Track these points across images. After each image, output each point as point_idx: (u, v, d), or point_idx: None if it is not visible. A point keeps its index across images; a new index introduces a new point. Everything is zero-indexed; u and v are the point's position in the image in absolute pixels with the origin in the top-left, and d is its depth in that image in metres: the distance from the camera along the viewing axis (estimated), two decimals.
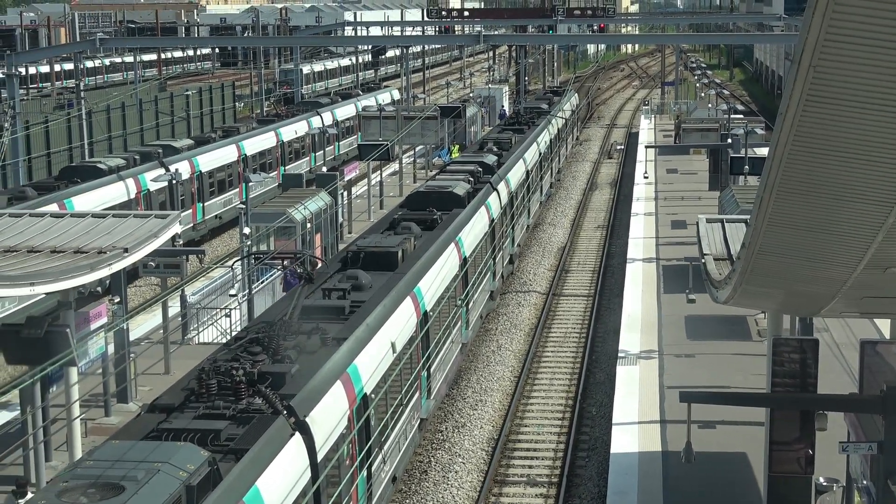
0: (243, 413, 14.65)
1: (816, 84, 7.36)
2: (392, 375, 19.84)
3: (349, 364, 17.70)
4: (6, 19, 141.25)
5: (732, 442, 21.18)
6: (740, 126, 44.48)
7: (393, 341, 20.14)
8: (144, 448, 12.93)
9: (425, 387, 23.18)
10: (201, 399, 15.04)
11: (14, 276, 17.96)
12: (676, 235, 39.46)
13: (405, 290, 22.04)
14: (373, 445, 18.52)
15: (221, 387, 15.19)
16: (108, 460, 12.50)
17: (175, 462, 12.45)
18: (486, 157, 38.06)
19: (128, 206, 35.55)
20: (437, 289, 24.32)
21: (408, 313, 21.65)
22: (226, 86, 73.51)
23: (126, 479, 12.01)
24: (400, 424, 20.73)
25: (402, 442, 21.04)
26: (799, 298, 15.42)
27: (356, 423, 17.49)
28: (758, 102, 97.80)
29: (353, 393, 17.45)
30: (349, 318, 19.41)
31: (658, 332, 28.57)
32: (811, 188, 9.49)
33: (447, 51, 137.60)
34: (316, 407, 15.76)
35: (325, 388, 16.39)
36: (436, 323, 24.00)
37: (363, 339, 18.74)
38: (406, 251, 24.19)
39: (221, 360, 16.17)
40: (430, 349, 23.47)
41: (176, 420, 14.49)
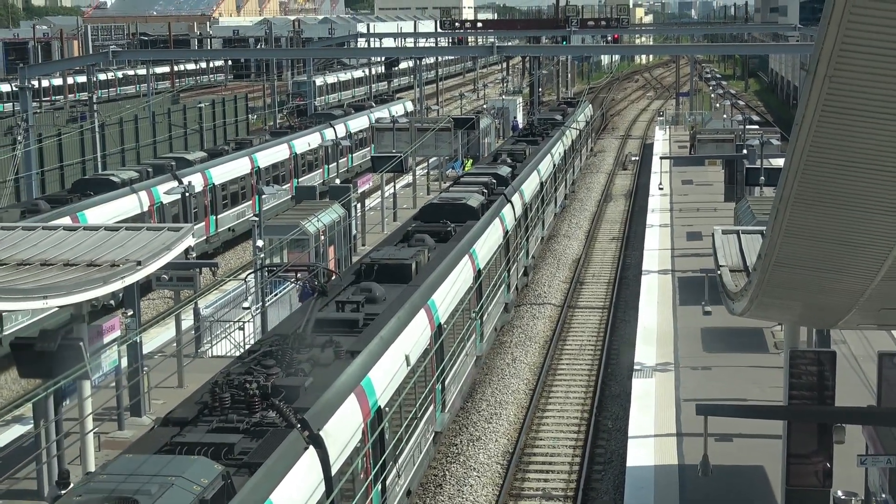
0: (257, 426, 14.61)
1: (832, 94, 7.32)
2: (406, 388, 19.75)
3: (363, 377, 17.65)
4: (19, 32, 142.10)
5: (749, 455, 21.00)
6: (756, 137, 44.28)
7: (407, 354, 20.06)
8: (158, 462, 12.92)
9: (440, 400, 23.05)
10: (215, 412, 15.00)
11: (27, 289, 17.94)
12: (692, 247, 39.28)
13: (419, 302, 21.95)
14: (387, 459, 18.42)
15: (235, 400, 15.14)
16: (122, 474, 12.48)
17: (189, 476, 12.43)
18: (500, 169, 38.03)
19: (141, 219, 35.57)
20: (452, 301, 24.23)
21: (422, 326, 21.57)
22: (239, 98, 73.66)
23: (140, 492, 11.97)
24: (414, 438, 20.63)
25: (417, 455, 20.92)
26: (816, 310, 15.33)
27: (370, 437, 17.45)
28: (773, 113, 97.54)
29: (367, 406, 17.42)
30: (363, 330, 19.36)
31: (674, 345, 28.39)
32: (827, 199, 9.43)
33: (460, 62, 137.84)
34: (330, 420, 15.73)
35: (339, 402, 16.36)
36: (450, 335, 23.90)
37: (377, 352, 18.69)
38: (420, 263, 24.09)
39: (235, 373, 16.15)
40: (445, 362, 23.33)
41: (189, 434, 14.45)
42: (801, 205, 9.54)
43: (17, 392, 28.49)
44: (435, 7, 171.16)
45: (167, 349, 28.08)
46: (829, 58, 6.92)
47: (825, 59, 6.96)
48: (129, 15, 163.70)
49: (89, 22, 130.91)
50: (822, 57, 6.95)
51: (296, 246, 31.95)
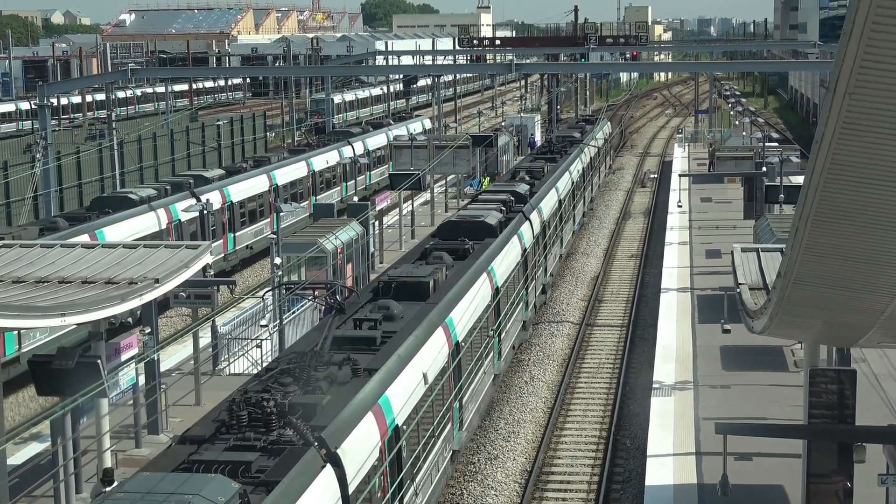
0: (274, 445, 14.55)
1: (852, 112, 7.29)
2: (424, 407, 19.66)
3: (381, 395, 17.59)
4: (38, 50, 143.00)
5: (769, 474, 20.82)
6: (775, 154, 44.19)
7: (425, 372, 19.98)
8: (175, 480, 12.85)
9: (457, 418, 22.93)
10: (232, 430, 14.96)
11: (45, 306, 17.95)
12: (711, 265, 39.09)
13: (437, 320, 21.88)
14: (405, 478, 18.34)
15: (252, 418, 15.09)
16: (139, 492, 12.45)
17: (206, 494, 12.31)
18: (518, 186, 37.94)
19: (159, 237, 35.57)
20: (469, 319, 24.15)
21: (439, 344, 21.48)
22: (257, 115, 73.76)
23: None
24: (432, 456, 20.53)
25: (434, 474, 20.82)
26: (836, 328, 15.24)
27: (388, 456, 17.36)
28: (793, 130, 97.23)
29: (384, 425, 17.35)
30: (380, 348, 19.29)
31: (693, 363, 28.22)
32: (848, 217, 9.39)
33: (479, 80, 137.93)
34: (347, 439, 15.67)
35: (357, 420, 16.31)
36: (468, 354, 23.81)
37: (395, 370, 18.63)
38: (438, 281, 24.03)
39: (252, 391, 16.09)
40: (463, 380, 23.24)
41: (206, 452, 14.38)
42: (820, 223, 9.51)
43: (34, 410, 28.53)
44: (453, 24, 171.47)
45: (185, 367, 28.06)
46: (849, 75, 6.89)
47: (845, 77, 6.93)
48: (147, 33, 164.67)
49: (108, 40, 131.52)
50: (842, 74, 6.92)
51: (313, 264, 31.95)
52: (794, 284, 11.99)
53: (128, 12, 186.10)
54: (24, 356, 27.99)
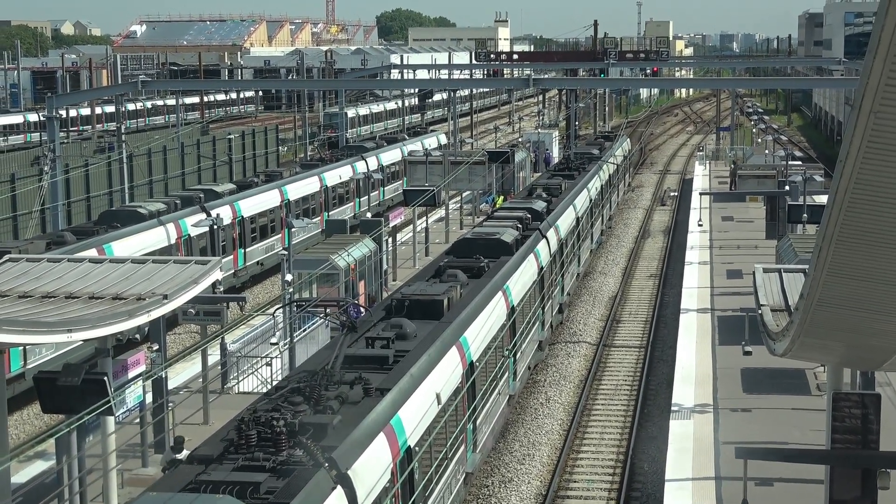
0: (283, 465, 14.36)
1: (877, 130, 7.24)
2: (437, 428, 19.41)
3: (393, 416, 17.38)
4: (48, 61, 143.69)
5: (791, 500, 20.44)
6: (798, 173, 43.68)
7: (438, 392, 19.75)
8: (182, 500, 12.74)
9: (471, 440, 22.66)
10: (241, 450, 14.76)
11: (51, 322, 17.75)
12: (732, 285, 38.64)
13: (451, 339, 21.62)
14: (416, 500, 18.10)
15: (261, 438, 14.91)
16: None
17: None
18: (534, 204, 37.69)
19: (168, 252, 35.41)
20: (484, 339, 23.85)
21: (453, 363, 21.21)
22: (269, 129, 73.83)
23: None
24: (445, 479, 20.27)
25: (447, 497, 20.56)
26: (860, 351, 15.08)
27: (399, 477, 17.14)
28: (816, 148, 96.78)
29: (396, 446, 17.15)
30: (393, 367, 19.06)
31: (713, 386, 27.78)
32: (872, 237, 9.36)
33: (496, 94, 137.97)
34: (358, 459, 15.47)
35: (368, 441, 16.11)
36: (482, 374, 23.52)
37: (407, 389, 18.38)
38: (452, 299, 23.76)
39: (261, 410, 15.87)
40: (477, 401, 22.95)
41: (214, 472, 14.23)
42: (845, 243, 9.53)
43: (39, 427, 28.28)
44: (470, 38, 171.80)
45: (193, 385, 27.80)
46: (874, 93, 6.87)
47: (870, 95, 6.91)
48: (158, 44, 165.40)
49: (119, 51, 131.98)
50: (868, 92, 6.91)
51: (325, 281, 31.65)
52: (817, 306, 11.97)
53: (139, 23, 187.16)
54: (29, 372, 27.81)
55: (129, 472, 22.39)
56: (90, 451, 21.00)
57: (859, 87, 7.02)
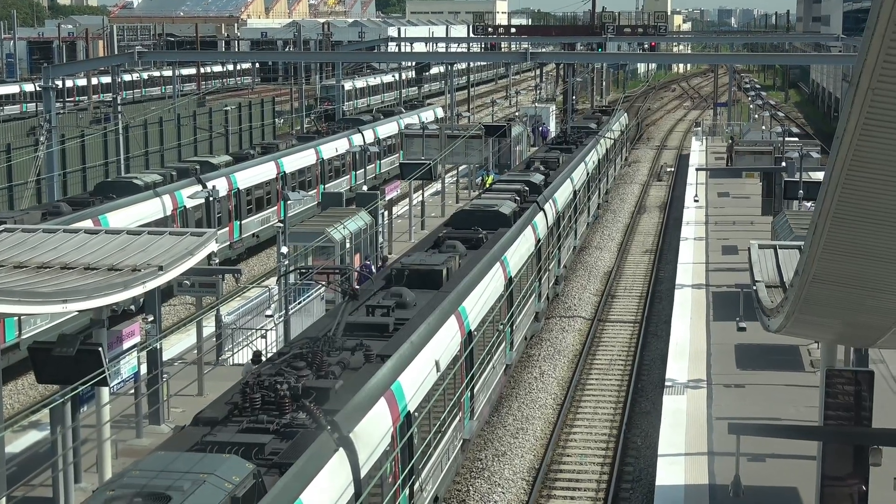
0: (287, 428, 14.65)
1: (875, 107, 7.24)
2: (436, 395, 19.68)
3: (393, 381, 17.65)
4: (44, 31, 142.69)
5: (783, 476, 20.49)
6: (795, 149, 43.68)
7: (437, 360, 19.97)
8: (190, 459, 12.98)
9: (468, 407, 22.89)
10: (245, 413, 15.06)
11: (47, 292, 17.75)
12: (727, 261, 38.67)
13: (449, 308, 21.80)
14: (415, 464, 18.40)
15: (265, 401, 15.18)
16: (154, 470, 12.60)
17: (220, 474, 12.55)
18: (532, 176, 37.78)
19: (164, 223, 35.35)
20: (482, 308, 24.05)
21: (452, 332, 21.41)
22: (266, 101, 73.59)
23: (172, 488, 12.10)
24: (443, 444, 20.56)
25: (445, 462, 20.84)
26: (854, 328, 15.11)
27: (399, 442, 17.45)
28: (813, 125, 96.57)
29: (396, 411, 17.43)
30: (393, 335, 19.30)
31: (707, 361, 27.84)
32: (868, 214, 9.36)
33: (493, 68, 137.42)
34: (360, 423, 15.76)
35: (370, 405, 16.40)
36: (480, 343, 23.73)
37: (407, 356, 18.64)
38: (451, 269, 23.95)
39: (265, 374, 16.12)
40: (474, 369, 23.17)
41: (220, 433, 14.53)
42: (841, 220, 9.49)
43: (34, 397, 28.30)
44: (468, 11, 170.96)
45: (188, 356, 27.80)
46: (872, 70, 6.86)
47: (868, 71, 6.90)
48: (155, 15, 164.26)
49: (115, 22, 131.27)
50: (866, 69, 6.90)
51: (321, 253, 31.61)
52: (812, 283, 11.98)
53: None
54: (24, 343, 27.78)
55: (124, 442, 22.42)
56: (84, 422, 21.05)
57: (857, 64, 7.01)
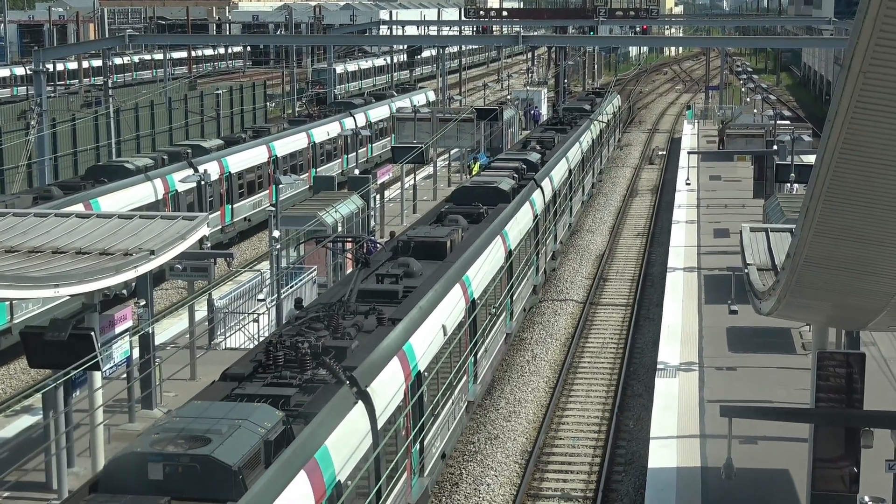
0: (309, 383, 15.72)
1: (866, 90, 7.25)
2: (443, 357, 20.77)
3: (405, 342, 18.74)
4: (34, 14, 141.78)
5: (774, 458, 20.55)
6: (787, 132, 43.62)
7: (444, 324, 21.02)
8: (224, 407, 14.05)
9: (472, 371, 24.07)
10: (269, 370, 16.09)
11: (38, 277, 17.75)
12: (719, 244, 38.69)
13: (454, 277, 22.89)
14: (425, 421, 19.52)
15: (287, 359, 16.19)
16: (192, 417, 13.62)
17: (253, 419, 13.60)
18: (529, 155, 39.01)
19: (155, 207, 35.25)
20: (485, 278, 25.14)
21: (457, 299, 22.49)
22: (257, 85, 73.33)
23: (210, 432, 13.12)
24: (449, 404, 21.69)
25: (451, 421, 21.96)
26: (845, 311, 15.15)
27: (411, 398, 18.58)
28: (805, 108, 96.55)
29: (408, 369, 18.50)
30: (402, 301, 20.37)
31: (698, 344, 27.89)
32: (859, 197, 9.39)
33: (484, 52, 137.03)
34: (376, 379, 16.87)
35: (384, 363, 17.50)
36: (483, 310, 24.82)
37: (417, 320, 19.73)
38: (454, 241, 25.03)
39: (286, 335, 17.20)
40: (478, 335, 24.31)
41: (248, 387, 15.57)
42: (832, 203, 9.53)
43: (26, 382, 28.25)
44: None
45: (180, 340, 27.76)
46: (864, 53, 6.87)
47: (860, 55, 6.91)
48: None
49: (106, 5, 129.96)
50: (857, 52, 6.91)
51: (313, 237, 31.55)
52: (803, 265, 11.99)
53: None
54: (16, 327, 27.75)
55: (116, 427, 22.38)
56: (77, 406, 21.02)
57: (849, 47, 7.00)
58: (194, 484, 12.59)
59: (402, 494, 18.12)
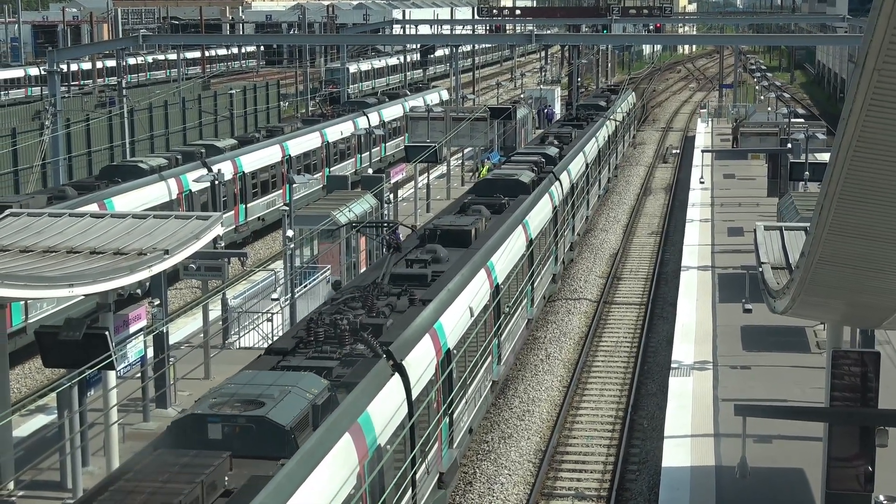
0: (348, 357, 16.88)
1: (881, 88, 7.22)
2: (470, 337, 21.96)
3: (435, 322, 19.87)
4: (48, 15, 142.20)
5: (789, 457, 20.49)
6: (801, 130, 43.49)
7: (471, 306, 22.28)
8: (273, 376, 15.28)
9: (496, 352, 25.23)
10: (310, 346, 17.31)
11: (53, 277, 17.80)
12: (733, 243, 38.59)
13: (479, 263, 24.11)
14: (455, 396, 20.66)
15: (328, 335, 17.45)
16: (246, 384, 14.88)
17: (302, 386, 14.85)
18: (548, 149, 40.43)
19: (169, 207, 35.32)
20: (508, 265, 26.32)
21: (482, 283, 23.72)
22: (270, 85, 73.38)
23: (263, 396, 14.35)
24: (476, 382, 22.83)
25: (477, 399, 23.13)
26: (860, 309, 15.08)
27: (441, 374, 19.67)
28: (819, 106, 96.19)
29: (439, 346, 19.60)
30: (431, 284, 21.59)
31: (713, 343, 27.82)
32: (874, 195, 9.36)
33: (498, 50, 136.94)
34: (410, 353, 17.99)
35: (417, 340, 18.61)
36: (506, 295, 25.97)
37: (446, 301, 20.91)
38: (479, 230, 26.28)
39: (326, 313, 18.57)
40: (502, 319, 25.50)
41: (292, 360, 16.78)
42: (846, 201, 9.50)
43: (40, 381, 28.35)
44: None
45: (194, 340, 27.81)
46: (878, 51, 6.84)
47: (874, 52, 6.88)
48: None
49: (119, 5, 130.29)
50: (871, 50, 6.87)
51: (326, 237, 31.60)
52: (817, 264, 11.92)
53: None
54: (30, 327, 27.82)
55: (131, 426, 22.41)
56: (91, 406, 21.09)
57: (863, 45, 6.97)
58: (250, 442, 13.64)
59: (433, 463, 19.27)
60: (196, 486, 12.23)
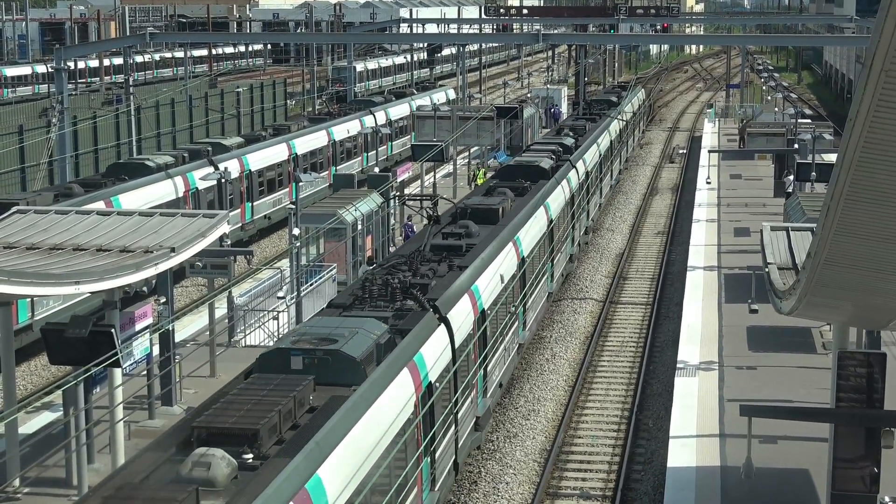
0: (400, 310, 19.27)
1: (888, 89, 7.20)
2: (501, 300, 24.31)
3: (472, 284, 22.34)
4: (56, 12, 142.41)
5: (794, 458, 20.46)
6: (808, 131, 43.46)
7: (502, 274, 24.70)
8: (341, 320, 17.88)
9: (521, 319, 27.69)
10: (364, 302, 19.72)
11: (59, 274, 17.81)
12: (739, 243, 38.55)
13: (508, 237, 26.57)
14: (488, 350, 23.04)
15: (380, 293, 19.96)
16: (319, 326, 17.44)
17: (367, 328, 17.39)
18: (564, 140, 43.09)
19: (175, 205, 35.27)
20: (532, 240, 28.75)
21: (510, 254, 26.15)
22: (277, 83, 73.33)
23: (335, 335, 16.81)
24: (505, 342, 25.23)
25: (506, 358, 25.54)
26: (866, 310, 15.06)
27: (477, 331, 21.97)
28: (826, 106, 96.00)
29: (476, 306, 22.00)
30: (466, 254, 24.00)
31: (718, 343, 27.79)
32: (881, 196, 9.33)
33: (504, 50, 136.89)
34: (453, 309, 20.41)
35: (457, 298, 21.02)
36: (530, 267, 28.40)
37: (480, 268, 23.42)
38: (505, 209, 28.68)
39: (377, 275, 21.10)
40: (527, 288, 27.96)
41: (352, 312, 19.07)
42: (853, 202, 9.46)
43: (46, 379, 28.39)
44: None
45: (200, 338, 27.80)
46: (885, 52, 6.83)
47: (882, 53, 6.87)
48: None
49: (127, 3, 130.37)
50: (879, 51, 6.87)
51: (332, 235, 31.62)
52: (824, 265, 11.91)
53: None
54: (37, 324, 27.85)
55: (136, 423, 22.45)
56: (97, 403, 21.10)
57: (871, 46, 6.95)
58: (327, 372, 15.98)
59: (471, 408, 21.74)
60: (289, 399, 14.55)
